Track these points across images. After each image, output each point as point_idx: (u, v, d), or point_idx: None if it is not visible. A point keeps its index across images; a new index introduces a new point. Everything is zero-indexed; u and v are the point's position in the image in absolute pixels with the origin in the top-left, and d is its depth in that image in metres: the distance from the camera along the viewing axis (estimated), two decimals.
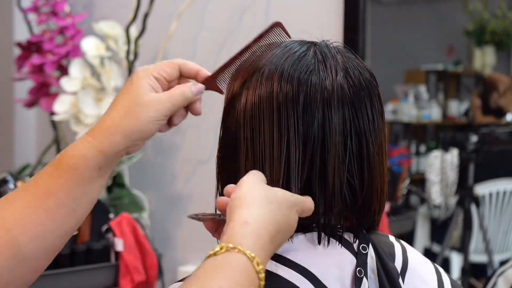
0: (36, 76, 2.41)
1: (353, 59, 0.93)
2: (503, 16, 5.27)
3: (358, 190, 0.89)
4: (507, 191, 3.69)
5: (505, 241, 3.73)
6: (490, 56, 5.31)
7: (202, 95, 0.95)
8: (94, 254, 2.09)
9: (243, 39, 2.68)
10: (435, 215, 3.71)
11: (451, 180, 3.61)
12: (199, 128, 2.48)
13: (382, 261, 0.92)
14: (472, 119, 4.61)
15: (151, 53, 2.54)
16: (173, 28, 2.40)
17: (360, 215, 0.91)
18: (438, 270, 0.98)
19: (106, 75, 2.33)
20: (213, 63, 2.66)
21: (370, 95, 0.91)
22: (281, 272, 0.87)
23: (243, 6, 2.41)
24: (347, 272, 0.89)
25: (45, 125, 2.74)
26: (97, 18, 2.57)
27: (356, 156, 0.89)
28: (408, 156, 4.59)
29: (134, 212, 2.29)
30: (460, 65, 5.57)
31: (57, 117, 2.34)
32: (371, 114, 0.90)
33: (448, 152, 3.62)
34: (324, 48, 0.93)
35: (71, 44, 2.39)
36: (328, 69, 0.90)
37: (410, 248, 0.98)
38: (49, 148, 2.62)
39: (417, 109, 5.14)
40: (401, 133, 5.30)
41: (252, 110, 0.90)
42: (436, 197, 3.63)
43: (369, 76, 0.92)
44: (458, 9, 5.44)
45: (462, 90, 5.61)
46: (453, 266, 3.59)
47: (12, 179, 1.95)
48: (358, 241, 0.92)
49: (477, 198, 3.33)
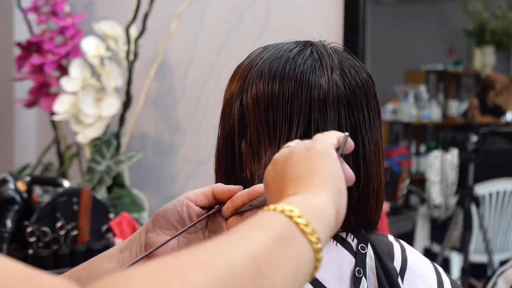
0: (36, 76, 2.41)
1: (349, 59, 0.94)
2: (503, 16, 5.27)
3: (354, 187, 0.89)
4: (507, 191, 3.69)
5: (505, 241, 3.73)
6: (490, 56, 5.32)
7: (201, 95, 0.95)
8: (94, 254, 2.08)
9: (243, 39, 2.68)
10: (435, 215, 3.71)
11: (451, 180, 3.61)
12: (199, 128, 2.48)
13: (381, 261, 0.92)
14: (472, 119, 4.61)
15: (151, 53, 2.54)
16: (173, 28, 2.40)
17: (357, 214, 0.92)
18: (438, 269, 0.98)
19: (106, 75, 2.33)
20: (213, 63, 2.67)
21: (366, 94, 0.92)
22: None
23: (243, 6, 2.41)
24: (346, 272, 0.89)
25: (45, 125, 2.74)
26: (97, 18, 2.57)
27: (352, 154, 0.89)
28: (408, 156, 4.59)
29: (134, 212, 2.29)
30: (460, 65, 5.57)
31: (57, 117, 2.34)
32: (367, 112, 0.91)
33: (448, 152, 3.62)
34: (320, 47, 0.93)
35: (71, 44, 2.40)
36: (324, 67, 0.90)
37: (409, 247, 0.98)
38: (49, 148, 2.62)
39: (417, 109, 5.14)
40: (401, 133, 5.31)
41: (249, 109, 0.90)
42: (436, 197, 3.63)
43: (366, 76, 0.93)
44: (458, 9, 5.44)
45: (462, 90, 5.62)
46: (453, 266, 3.59)
47: (12, 179, 1.95)
48: (357, 241, 0.92)
49: (477, 198, 3.33)
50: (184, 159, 2.54)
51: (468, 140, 3.33)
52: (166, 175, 2.58)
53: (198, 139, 2.51)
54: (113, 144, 2.41)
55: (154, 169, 2.60)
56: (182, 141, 2.55)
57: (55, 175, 2.51)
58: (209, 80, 2.45)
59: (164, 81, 2.59)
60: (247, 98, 0.91)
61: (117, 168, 2.34)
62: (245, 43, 2.40)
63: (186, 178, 2.54)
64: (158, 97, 2.61)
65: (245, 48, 2.35)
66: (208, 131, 2.45)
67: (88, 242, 2.10)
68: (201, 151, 2.50)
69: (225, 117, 0.94)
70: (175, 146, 2.56)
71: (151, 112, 2.62)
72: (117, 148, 2.39)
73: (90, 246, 2.09)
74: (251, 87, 0.91)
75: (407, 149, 4.74)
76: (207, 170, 2.44)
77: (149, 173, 2.60)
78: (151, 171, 2.60)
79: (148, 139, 2.64)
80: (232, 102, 0.93)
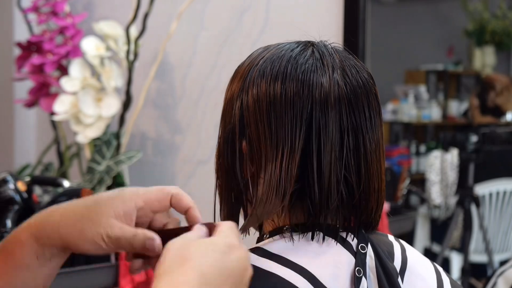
0: (36, 76, 2.41)
1: (350, 59, 0.94)
2: (503, 16, 5.27)
3: (355, 187, 0.90)
4: (507, 191, 3.69)
5: (505, 241, 3.73)
6: (490, 56, 5.31)
7: (201, 95, 0.95)
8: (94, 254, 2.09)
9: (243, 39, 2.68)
10: (435, 215, 3.71)
11: (451, 180, 3.61)
12: (199, 128, 2.48)
13: (381, 261, 0.92)
14: (472, 119, 4.61)
15: (151, 53, 2.54)
16: (173, 28, 2.40)
17: (357, 213, 0.92)
18: (438, 269, 0.98)
19: (106, 75, 2.33)
20: (213, 63, 2.67)
21: (367, 94, 0.92)
22: (278, 271, 0.87)
23: (243, 6, 2.41)
24: (346, 272, 0.89)
25: (45, 125, 2.74)
26: (97, 18, 2.57)
27: (353, 153, 0.90)
28: (408, 156, 4.59)
29: None
30: (460, 65, 5.57)
31: (57, 117, 2.34)
32: (368, 112, 0.91)
33: (448, 152, 3.62)
34: (321, 47, 0.93)
35: (71, 44, 2.40)
36: (325, 67, 0.90)
37: (409, 247, 0.98)
38: (49, 148, 2.62)
39: (417, 109, 5.14)
40: (401, 133, 5.30)
41: (250, 109, 0.90)
42: (436, 197, 3.63)
43: (367, 75, 0.93)
44: (458, 9, 5.44)
45: (462, 90, 5.61)
46: (453, 266, 3.59)
47: (12, 179, 1.95)
48: (357, 241, 0.92)
49: (477, 198, 3.33)
50: (184, 159, 2.54)
51: (468, 140, 3.33)
52: (166, 175, 2.58)
53: (198, 139, 2.51)
54: (113, 144, 2.41)
55: (154, 169, 2.60)
56: (182, 141, 2.55)
57: (55, 175, 2.51)
58: (209, 80, 2.45)
59: (164, 81, 2.59)
60: (248, 98, 0.91)
61: (117, 168, 2.34)
62: (245, 43, 2.40)
63: (186, 178, 2.54)
64: (158, 97, 2.61)
65: (245, 48, 2.35)
66: (208, 131, 2.45)
67: None
68: (201, 151, 2.50)
69: (226, 116, 0.94)
70: (175, 146, 2.56)
71: (151, 112, 2.62)
72: (117, 148, 2.40)
73: None
74: (252, 86, 0.91)
75: (407, 149, 4.73)
76: (207, 170, 2.44)
77: (149, 173, 2.60)
78: (151, 171, 2.60)
79: (148, 139, 2.64)
80: (233, 102, 0.93)
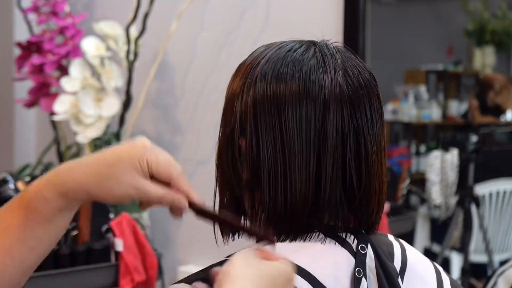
0: (36, 76, 2.41)
1: (352, 59, 0.93)
2: (503, 16, 5.27)
3: (356, 188, 0.89)
4: (507, 191, 3.69)
5: (505, 241, 3.73)
6: (490, 56, 5.31)
7: (201, 95, 0.95)
8: (94, 254, 2.09)
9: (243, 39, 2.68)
10: (435, 215, 3.70)
11: (451, 180, 3.61)
12: (199, 128, 2.48)
13: (381, 261, 0.92)
14: (471, 119, 4.61)
15: (151, 53, 2.54)
16: (173, 28, 2.40)
17: (358, 215, 0.91)
18: (438, 269, 0.98)
19: (106, 75, 2.33)
20: (213, 63, 2.67)
21: (369, 95, 0.91)
22: None
23: (243, 6, 2.41)
24: (346, 272, 0.89)
25: (45, 125, 2.74)
26: (97, 18, 2.57)
27: (354, 155, 0.89)
28: (408, 156, 4.59)
29: (134, 212, 2.29)
30: (460, 65, 5.57)
31: (57, 117, 2.34)
32: (370, 113, 0.90)
33: (448, 152, 3.62)
34: (323, 47, 0.93)
35: (71, 44, 2.40)
36: (327, 67, 0.90)
37: (409, 247, 0.98)
38: (49, 148, 2.62)
39: (417, 109, 5.13)
40: (401, 133, 5.30)
41: (251, 108, 0.90)
42: (436, 197, 3.63)
43: (369, 76, 0.92)
44: (458, 9, 5.44)
45: (462, 90, 5.61)
46: (453, 266, 3.59)
47: (12, 179, 1.95)
48: (357, 241, 0.92)
49: (477, 198, 3.33)
50: (184, 159, 2.53)
51: (468, 140, 3.33)
52: None
53: (198, 139, 2.51)
54: (113, 144, 2.40)
55: None
56: (182, 141, 2.55)
57: None
58: (209, 80, 2.45)
59: (164, 81, 2.59)
60: (249, 97, 0.90)
61: None
62: (245, 43, 2.40)
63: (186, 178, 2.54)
64: (158, 97, 2.61)
65: (245, 48, 2.34)
66: (208, 131, 2.45)
67: (88, 242, 2.10)
68: (201, 151, 2.50)
69: (226, 115, 0.93)
70: (175, 146, 2.56)
71: (151, 112, 2.62)
72: None
73: (90, 246, 2.09)
74: (253, 85, 0.90)
75: (407, 149, 4.73)
76: (207, 170, 2.43)
77: None
78: None
79: (148, 139, 2.64)
80: (233, 101, 0.92)
